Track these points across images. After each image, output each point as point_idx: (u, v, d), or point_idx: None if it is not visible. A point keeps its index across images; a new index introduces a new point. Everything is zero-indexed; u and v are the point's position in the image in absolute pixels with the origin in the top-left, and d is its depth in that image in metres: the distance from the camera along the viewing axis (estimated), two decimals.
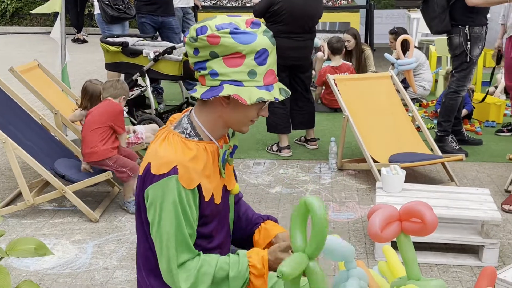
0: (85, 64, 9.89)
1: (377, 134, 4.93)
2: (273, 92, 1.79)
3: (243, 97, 1.74)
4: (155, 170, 1.77)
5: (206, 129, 1.86)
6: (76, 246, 3.72)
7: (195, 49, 1.77)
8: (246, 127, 1.89)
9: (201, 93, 1.78)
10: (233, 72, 1.74)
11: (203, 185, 1.82)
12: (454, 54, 5.26)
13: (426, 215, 1.92)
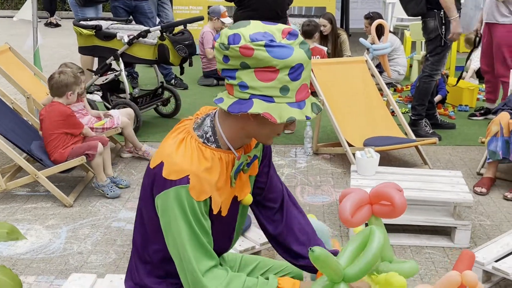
0: (58, 48, 9.74)
1: (352, 118, 4.96)
2: (304, 109, 1.67)
3: (273, 115, 1.63)
4: (166, 174, 1.71)
5: (226, 137, 1.76)
6: (49, 231, 3.69)
7: (225, 57, 1.64)
8: (271, 140, 1.80)
9: (228, 105, 1.66)
10: (264, 87, 1.63)
11: (213, 198, 1.76)
12: (429, 38, 5.29)
13: (395, 198, 1.94)
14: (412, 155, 5.04)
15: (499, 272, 2.92)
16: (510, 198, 4.14)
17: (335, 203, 4.11)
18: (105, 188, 4.17)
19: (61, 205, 4.04)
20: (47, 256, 3.39)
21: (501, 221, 3.84)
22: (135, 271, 1.93)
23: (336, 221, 3.81)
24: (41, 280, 3.12)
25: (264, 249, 3.11)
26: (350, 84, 5.19)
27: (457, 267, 1.83)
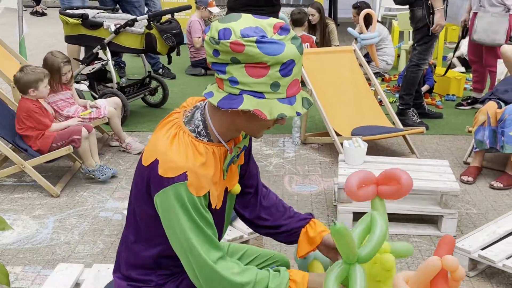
0: (44, 37, 9.65)
1: (340, 107, 4.97)
2: (295, 105, 1.65)
3: (263, 111, 1.61)
4: (162, 172, 1.68)
5: (217, 131, 1.75)
6: (36, 221, 3.67)
7: (215, 51, 1.61)
8: (260, 134, 1.79)
9: (218, 100, 1.64)
10: (255, 83, 1.60)
11: (211, 192, 1.74)
12: (416, 27, 5.30)
13: (402, 176, 1.97)
14: (399, 145, 5.06)
15: (485, 260, 2.95)
16: (496, 187, 4.18)
17: (323, 192, 4.12)
18: (96, 172, 4.16)
19: (48, 195, 4.02)
20: (34, 246, 3.37)
21: (487, 209, 3.87)
22: (124, 264, 1.92)
23: (324, 211, 3.83)
24: (28, 270, 3.11)
25: (252, 238, 3.12)
26: (338, 73, 5.20)
27: (437, 252, 1.84)
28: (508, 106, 4.15)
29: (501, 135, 4.09)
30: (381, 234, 1.79)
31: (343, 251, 1.76)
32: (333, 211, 3.79)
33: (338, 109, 4.94)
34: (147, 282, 1.88)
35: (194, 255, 1.70)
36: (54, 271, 2.57)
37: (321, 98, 4.86)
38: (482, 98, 4.77)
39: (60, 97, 4.61)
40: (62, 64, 4.50)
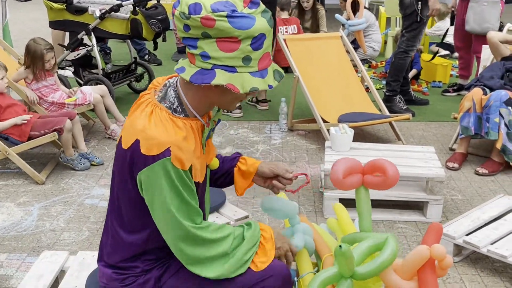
0: (29, 23, 9.53)
1: (327, 94, 4.96)
2: (267, 78, 1.67)
3: (235, 85, 1.62)
4: (146, 150, 1.67)
5: (192, 106, 1.76)
6: (21, 208, 3.64)
7: (186, 26, 1.62)
8: (233, 106, 1.81)
9: (191, 75, 1.64)
10: (227, 58, 1.61)
11: (194, 166, 1.75)
12: (405, 13, 5.29)
13: (389, 168, 1.97)
14: (386, 131, 5.07)
15: (469, 245, 2.97)
16: (481, 173, 4.20)
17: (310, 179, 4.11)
18: (74, 161, 4.14)
19: (33, 182, 3.98)
20: (18, 233, 3.34)
21: (472, 195, 3.89)
22: (108, 252, 1.90)
23: (310, 197, 3.83)
24: (12, 257, 3.08)
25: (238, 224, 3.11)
26: (325, 60, 5.18)
27: (425, 241, 1.85)
28: (493, 92, 4.17)
29: (486, 121, 4.11)
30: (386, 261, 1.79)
31: (341, 268, 1.76)
32: (319, 197, 3.80)
33: (325, 95, 4.93)
34: (132, 268, 1.87)
35: (175, 224, 1.71)
36: (39, 259, 2.55)
37: (308, 85, 4.85)
38: (468, 84, 4.78)
39: (44, 83, 4.56)
40: (45, 51, 4.45)
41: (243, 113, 5.47)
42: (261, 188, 3.88)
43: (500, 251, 2.87)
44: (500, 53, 4.56)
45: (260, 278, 1.84)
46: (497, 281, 2.92)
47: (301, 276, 2.04)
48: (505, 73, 4.37)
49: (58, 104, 4.57)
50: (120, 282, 1.87)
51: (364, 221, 2.10)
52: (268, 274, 1.85)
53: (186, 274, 1.84)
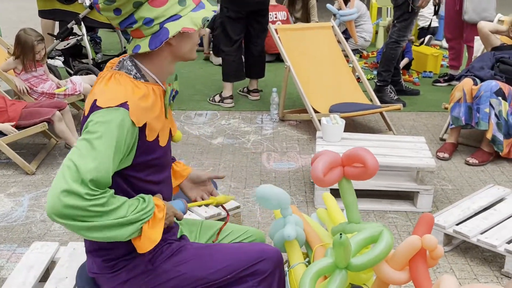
0: (18, 12, 9.44)
1: (318, 84, 4.95)
2: (207, 7, 1.77)
3: (188, 26, 1.70)
4: (102, 104, 1.66)
5: (152, 73, 1.79)
6: (11, 199, 3.62)
7: (116, 10, 1.69)
8: (194, 53, 1.86)
9: (147, 45, 1.71)
10: (165, 10, 1.69)
11: (149, 124, 1.73)
12: (397, 3, 5.28)
13: (368, 159, 1.96)
14: (377, 121, 5.08)
15: (459, 235, 2.99)
16: (471, 163, 4.22)
17: (301, 169, 4.12)
18: None
19: (23, 173, 3.96)
20: (9, 224, 3.32)
21: (462, 185, 3.91)
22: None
23: (301, 187, 3.83)
24: (3, 248, 3.07)
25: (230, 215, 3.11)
26: (316, 50, 5.17)
27: (417, 231, 1.86)
28: (483, 83, 4.18)
29: (476, 111, 4.12)
30: (381, 253, 1.79)
31: (337, 258, 1.76)
32: (310, 187, 3.80)
33: (316, 86, 4.93)
34: (117, 249, 1.84)
35: (74, 175, 1.58)
36: (29, 249, 2.54)
37: (299, 75, 4.84)
38: (458, 75, 4.79)
39: (33, 74, 4.53)
40: (36, 42, 4.41)
41: (234, 103, 5.46)
42: (253, 179, 3.90)
43: (489, 241, 2.89)
44: (491, 43, 4.57)
45: (253, 261, 1.86)
46: (487, 270, 2.94)
47: (292, 266, 2.05)
48: (495, 64, 4.38)
49: (48, 94, 4.53)
50: (111, 269, 1.86)
51: (351, 212, 2.10)
52: (260, 257, 1.87)
53: (179, 258, 1.85)
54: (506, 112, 4.09)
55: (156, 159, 1.81)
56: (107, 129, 1.63)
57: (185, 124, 4.95)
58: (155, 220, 1.75)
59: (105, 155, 1.62)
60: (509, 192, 3.44)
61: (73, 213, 1.58)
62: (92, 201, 1.59)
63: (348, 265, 1.79)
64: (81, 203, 1.57)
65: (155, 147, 1.79)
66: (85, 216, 1.59)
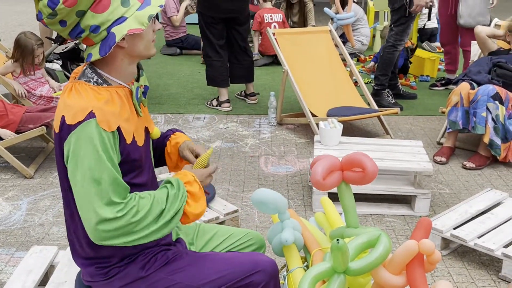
0: (16, 16, 9.45)
1: (316, 88, 4.97)
2: (153, 3, 1.74)
3: (135, 27, 1.68)
4: (71, 120, 1.66)
5: (113, 76, 1.78)
6: (9, 203, 3.62)
7: (61, 21, 1.67)
8: (152, 49, 1.83)
9: (97, 52, 1.70)
10: (109, 14, 1.67)
11: (122, 128, 1.72)
12: (394, 8, 5.30)
13: (367, 164, 1.97)
14: (374, 125, 5.09)
15: (457, 239, 3.00)
16: (468, 167, 4.23)
17: (298, 173, 4.13)
18: None
19: (21, 177, 3.96)
20: (7, 228, 3.33)
21: (459, 189, 3.92)
22: (79, 247, 1.85)
23: (299, 191, 3.84)
24: (1, 252, 3.07)
25: (228, 219, 3.12)
26: (314, 54, 5.19)
27: (414, 235, 1.87)
28: (480, 87, 4.19)
29: (473, 115, 4.14)
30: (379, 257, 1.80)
31: (335, 262, 1.77)
32: (308, 191, 3.81)
33: (314, 90, 4.94)
34: (110, 258, 1.83)
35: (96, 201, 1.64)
36: (28, 253, 2.55)
37: (297, 79, 4.86)
38: (455, 79, 4.81)
39: (32, 77, 4.55)
40: (36, 46, 4.44)
41: (232, 107, 5.47)
42: (251, 183, 3.91)
43: (487, 245, 2.90)
44: (488, 47, 4.59)
45: (248, 273, 1.86)
46: (484, 274, 2.95)
47: (290, 270, 2.05)
48: (492, 68, 4.40)
49: (46, 98, 4.54)
50: (104, 276, 1.85)
51: (350, 216, 2.11)
52: (255, 269, 1.87)
53: (174, 267, 1.85)
54: (503, 116, 4.11)
55: (138, 161, 1.81)
56: (88, 146, 1.65)
57: (183, 128, 4.96)
58: (194, 196, 1.80)
59: (102, 168, 1.64)
60: (506, 196, 3.45)
61: (118, 233, 1.65)
62: (125, 216, 1.65)
63: (346, 269, 1.80)
64: (118, 224, 1.65)
65: (134, 148, 1.78)
66: (130, 229, 1.66)
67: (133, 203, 1.68)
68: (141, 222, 1.68)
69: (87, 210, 1.65)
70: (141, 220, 1.68)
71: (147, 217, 1.69)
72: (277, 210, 2.11)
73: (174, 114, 5.29)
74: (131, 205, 1.67)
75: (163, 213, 1.72)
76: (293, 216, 2.24)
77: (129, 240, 1.67)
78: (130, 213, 1.66)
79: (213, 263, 1.89)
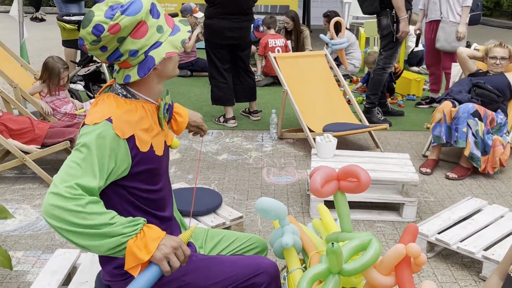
0: (43, 41, 9.50)
1: (313, 106, 4.97)
2: (182, 29, 1.76)
3: (170, 50, 1.70)
4: (89, 121, 1.67)
5: (143, 94, 1.77)
6: (36, 210, 3.62)
7: (102, 47, 1.68)
8: (177, 70, 1.86)
9: (136, 73, 1.69)
10: (147, 39, 1.68)
11: (138, 136, 1.71)
12: (382, 34, 5.32)
13: (361, 174, 1.97)
14: (366, 140, 5.09)
15: (441, 242, 2.99)
16: (451, 177, 4.22)
17: (297, 182, 4.12)
18: None
19: (47, 186, 3.96)
20: (34, 233, 3.32)
21: (443, 197, 3.91)
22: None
23: (298, 199, 3.83)
24: (29, 255, 3.07)
25: (233, 224, 3.12)
26: (311, 75, 5.20)
27: (402, 240, 1.86)
28: (461, 105, 4.19)
29: (455, 131, 4.14)
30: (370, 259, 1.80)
31: (331, 264, 1.77)
32: (306, 199, 3.80)
33: (311, 107, 4.95)
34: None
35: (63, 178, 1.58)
36: (53, 256, 2.54)
37: (296, 98, 4.87)
38: (438, 98, 4.82)
39: (57, 96, 4.57)
40: (62, 69, 4.48)
41: (237, 123, 5.48)
42: (254, 192, 3.90)
43: (468, 248, 2.88)
44: (468, 68, 4.59)
45: (251, 274, 1.85)
46: (466, 275, 2.93)
47: (290, 271, 2.05)
48: (472, 88, 4.40)
49: (70, 115, 4.56)
50: (122, 276, 1.84)
51: (344, 222, 2.10)
52: (258, 271, 1.86)
53: (185, 268, 1.83)
54: (482, 131, 4.11)
55: (154, 169, 1.80)
56: (89, 140, 1.63)
57: (193, 142, 4.96)
58: (144, 238, 1.59)
59: (89, 163, 1.60)
60: (485, 204, 3.44)
61: (57, 213, 1.53)
62: (72, 201, 1.53)
63: (341, 270, 1.79)
64: (62, 203, 1.53)
65: (151, 156, 1.77)
66: (66, 216, 1.53)
67: (90, 199, 1.57)
68: (82, 217, 1.53)
69: (53, 182, 1.60)
70: (83, 216, 1.53)
71: (93, 216, 1.54)
72: (278, 216, 2.11)
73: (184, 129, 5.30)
74: (87, 199, 1.56)
75: (107, 225, 1.56)
76: (293, 222, 2.24)
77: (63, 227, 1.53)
78: (76, 202, 1.54)
79: (220, 266, 1.88)
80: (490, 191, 4.02)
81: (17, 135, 3.97)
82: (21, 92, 4.58)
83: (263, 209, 2.09)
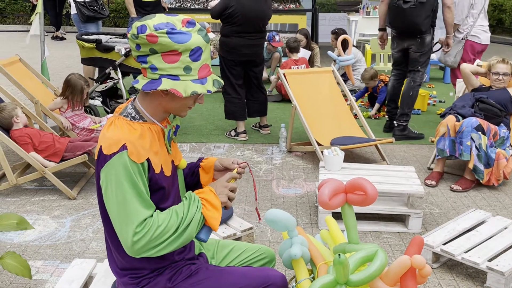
0: (63, 59, 9.62)
1: (321, 120, 4.97)
2: (206, 84, 1.73)
3: (179, 90, 1.68)
4: (107, 151, 1.70)
5: (148, 113, 1.79)
6: (55, 220, 3.64)
7: (137, 45, 1.70)
8: (184, 113, 1.84)
9: (142, 85, 1.71)
10: (170, 68, 1.69)
11: (151, 159, 1.75)
12: (423, 51, 5.18)
13: (368, 188, 1.96)
14: (372, 153, 5.07)
15: (446, 253, 2.96)
16: (456, 189, 4.19)
17: (306, 194, 4.11)
18: None
19: (66, 198, 3.99)
20: (53, 243, 3.34)
21: (448, 209, 3.88)
22: (116, 259, 1.87)
23: (306, 210, 3.82)
24: (47, 264, 3.08)
25: (244, 235, 3.11)
26: (319, 91, 5.20)
27: (408, 251, 1.85)
28: (465, 119, 4.17)
29: (460, 144, 4.11)
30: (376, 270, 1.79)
31: (338, 274, 1.76)
32: (315, 211, 3.79)
33: (319, 121, 4.94)
34: (141, 270, 1.84)
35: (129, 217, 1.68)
36: (70, 265, 2.55)
37: (304, 112, 4.87)
38: (443, 113, 4.79)
39: (76, 112, 4.61)
40: (85, 86, 4.53)
41: (248, 137, 5.48)
42: (264, 203, 3.90)
43: (473, 259, 2.85)
44: (471, 83, 4.57)
45: (261, 285, 1.85)
46: (471, 285, 2.90)
47: (298, 281, 2.03)
48: (475, 103, 4.38)
49: (88, 130, 4.60)
50: (136, 286, 1.85)
51: (351, 234, 2.09)
52: (267, 283, 1.85)
53: (196, 279, 1.83)
54: (486, 145, 4.08)
55: (165, 188, 1.82)
56: (118, 177, 1.69)
57: (205, 155, 4.97)
58: (209, 202, 1.79)
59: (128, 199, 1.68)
60: (489, 215, 3.40)
61: (148, 246, 1.69)
62: (148, 234, 1.68)
63: (348, 281, 1.78)
64: (144, 242, 1.68)
65: (162, 177, 1.80)
66: (157, 242, 1.69)
67: (154, 218, 1.71)
68: (163, 233, 1.70)
69: (120, 231, 1.70)
70: (164, 232, 1.70)
71: (168, 227, 1.71)
72: (287, 228, 2.11)
73: (198, 143, 5.32)
74: (152, 220, 1.70)
75: (182, 220, 1.73)
76: (301, 233, 2.23)
77: (158, 249, 1.70)
78: (152, 228, 1.69)
79: (230, 277, 1.88)
80: (494, 203, 3.98)
81: (39, 149, 4.01)
82: (42, 107, 4.63)
83: (272, 220, 2.09)
